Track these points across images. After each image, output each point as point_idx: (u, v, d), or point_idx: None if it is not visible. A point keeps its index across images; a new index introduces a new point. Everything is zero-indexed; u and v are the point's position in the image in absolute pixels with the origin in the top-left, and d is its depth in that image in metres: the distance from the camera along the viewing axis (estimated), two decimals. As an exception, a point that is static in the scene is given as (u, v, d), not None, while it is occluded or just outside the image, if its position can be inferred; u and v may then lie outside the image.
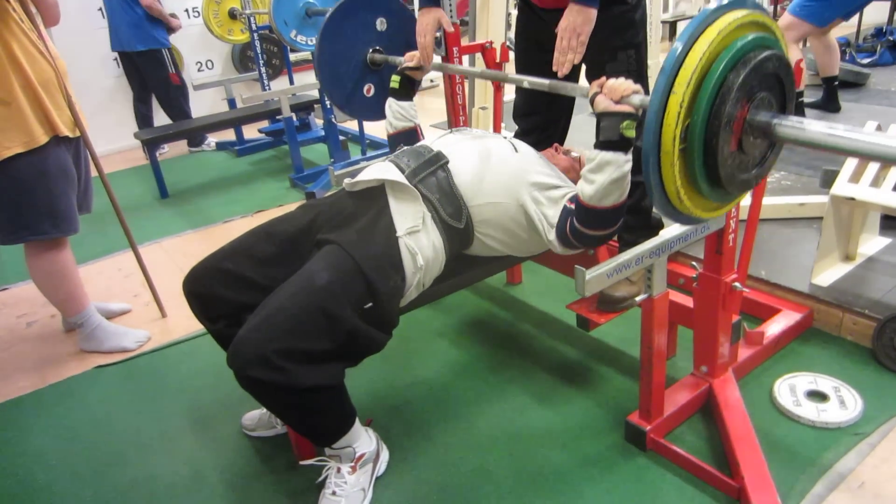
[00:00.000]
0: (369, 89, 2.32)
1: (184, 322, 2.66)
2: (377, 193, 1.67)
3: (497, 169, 1.69)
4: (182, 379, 2.32)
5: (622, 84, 1.38)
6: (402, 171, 1.67)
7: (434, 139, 1.85)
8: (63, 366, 2.47)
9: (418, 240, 1.60)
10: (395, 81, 2.06)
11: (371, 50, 2.28)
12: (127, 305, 2.85)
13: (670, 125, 1.13)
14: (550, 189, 1.64)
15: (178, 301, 2.80)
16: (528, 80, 1.78)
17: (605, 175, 1.41)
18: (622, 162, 1.40)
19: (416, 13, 2.10)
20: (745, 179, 1.27)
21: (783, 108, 1.26)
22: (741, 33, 1.18)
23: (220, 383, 2.24)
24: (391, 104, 2.07)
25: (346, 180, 1.74)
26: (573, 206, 1.53)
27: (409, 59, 2.05)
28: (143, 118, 5.19)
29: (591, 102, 1.44)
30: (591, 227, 1.50)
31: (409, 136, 2.06)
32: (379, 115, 2.28)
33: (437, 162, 1.71)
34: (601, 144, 1.42)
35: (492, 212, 1.68)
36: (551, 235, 1.60)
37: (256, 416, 1.97)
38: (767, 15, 1.24)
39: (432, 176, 1.68)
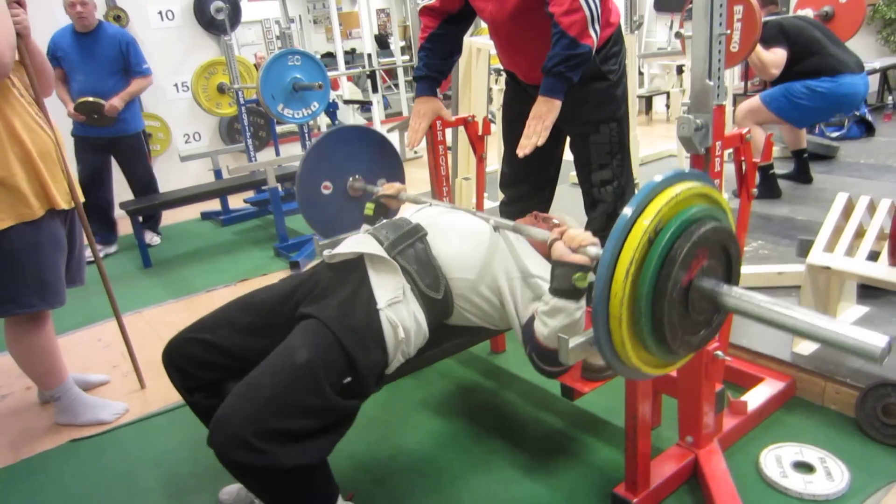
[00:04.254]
0: (328, 187, 2.35)
1: (163, 393, 2.61)
2: (356, 265, 1.67)
3: (474, 245, 1.70)
4: (159, 452, 2.26)
5: (579, 235, 1.39)
6: (381, 244, 1.69)
7: (413, 212, 1.88)
8: (37, 440, 2.40)
9: (398, 311, 1.60)
10: (368, 209, 2.09)
11: (352, 178, 2.34)
12: (106, 377, 2.80)
13: (618, 286, 1.15)
14: (524, 278, 1.63)
15: (157, 372, 2.76)
16: (479, 215, 1.80)
17: (556, 321, 1.41)
18: (573, 310, 1.39)
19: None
20: (693, 342, 1.27)
21: (728, 275, 1.29)
22: (688, 203, 1.22)
23: (197, 456, 2.18)
24: (366, 230, 2.10)
25: (325, 252, 1.75)
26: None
27: (386, 189, 2.09)
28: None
29: (549, 247, 1.44)
30: (546, 364, 1.49)
31: None
32: None
33: (416, 234, 1.72)
34: (553, 291, 1.41)
35: (467, 287, 1.68)
36: (520, 335, 1.59)
37: (234, 491, 1.92)
38: (714, 188, 1.29)
39: (411, 248, 1.69)
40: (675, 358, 1.33)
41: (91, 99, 4.11)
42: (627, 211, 1.16)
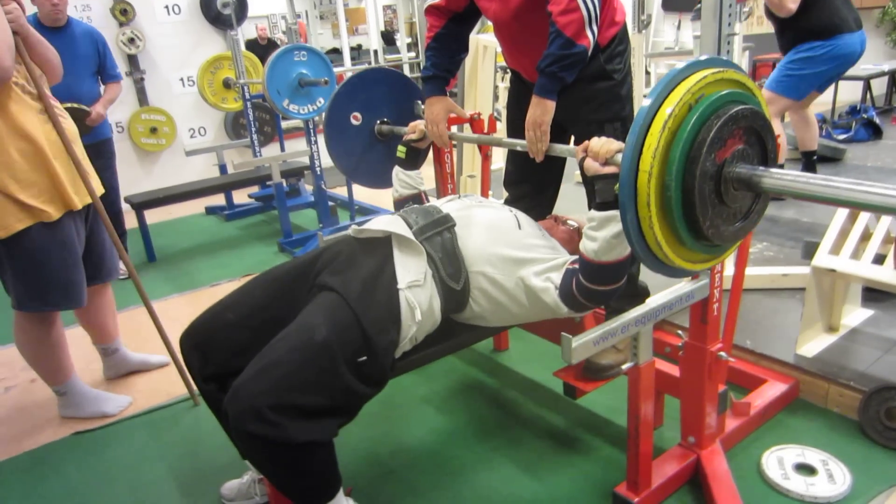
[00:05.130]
0: (357, 118, 2.39)
1: (167, 387, 2.62)
2: (383, 244, 1.69)
3: (501, 242, 1.70)
4: (162, 446, 2.27)
5: (604, 145, 1.43)
6: (410, 227, 1.71)
7: (443, 202, 1.89)
8: (40, 432, 2.41)
9: (417, 294, 1.61)
10: (401, 152, 2.11)
11: (379, 121, 2.35)
12: (166, 358, 2.72)
13: (644, 181, 1.14)
14: (552, 261, 1.66)
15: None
16: (522, 144, 1.90)
17: (606, 231, 1.45)
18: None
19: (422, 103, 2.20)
20: (731, 231, 1.26)
21: (764, 160, 1.26)
22: (715, 88, 1.20)
23: (199, 451, 2.19)
24: (398, 173, 2.12)
25: (353, 227, 1.77)
26: (576, 266, 1.55)
27: (411, 131, 2.09)
28: None
29: (581, 167, 1.48)
30: (596, 283, 1.52)
31: (415, 201, 2.11)
32: (382, 183, 2.32)
33: (445, 224, 1.74)
34: (598, 206, 1.46)
35: (488, 285, 1.69)
36: (557, 298, 1.60)
37: (235, 486, 1.92)
38: (742, 72, 1.28)
39: (438, 236, 1.71)
40: (713, 250, 1.30)
41: (76, 105, 3.46)
42: (648, 101, 1.13)
